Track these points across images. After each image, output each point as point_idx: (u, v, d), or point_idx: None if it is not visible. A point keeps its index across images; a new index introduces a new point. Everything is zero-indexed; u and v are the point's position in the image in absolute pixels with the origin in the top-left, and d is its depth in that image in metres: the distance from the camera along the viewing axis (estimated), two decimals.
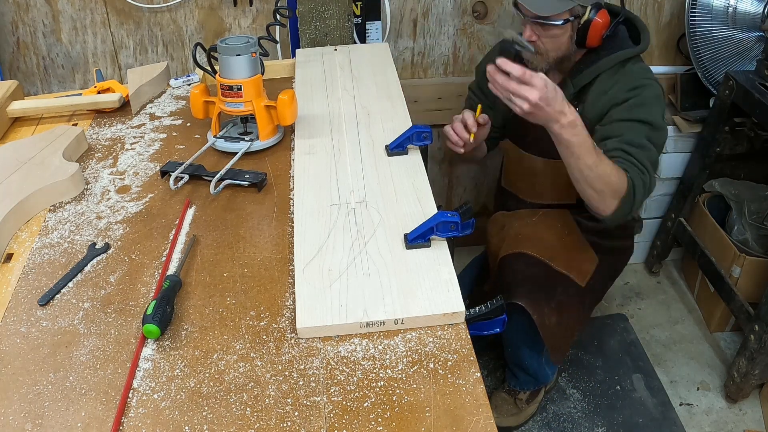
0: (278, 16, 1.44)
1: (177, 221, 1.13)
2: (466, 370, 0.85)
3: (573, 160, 1.32)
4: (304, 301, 0.93)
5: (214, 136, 1.31)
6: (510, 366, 1.88)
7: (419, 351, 0.88)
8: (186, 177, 1.22)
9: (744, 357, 1.86)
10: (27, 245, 1.10)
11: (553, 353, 1.63)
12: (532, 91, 1.22)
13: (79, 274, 1.03)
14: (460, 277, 1.01)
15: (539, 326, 1.58)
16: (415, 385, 0.83)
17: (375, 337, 0.90)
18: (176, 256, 1.06)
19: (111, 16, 1.90)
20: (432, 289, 0.94)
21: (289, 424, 0.80)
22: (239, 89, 1.25)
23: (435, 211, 1.08)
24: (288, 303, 0.96)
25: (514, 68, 1.21)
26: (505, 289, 1.62)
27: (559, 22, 1.41)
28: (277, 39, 1.66)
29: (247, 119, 1.34)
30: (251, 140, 1.30)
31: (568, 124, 1.27)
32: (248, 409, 0.82)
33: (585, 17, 1.43)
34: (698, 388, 2.01)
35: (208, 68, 1.33)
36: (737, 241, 2.04)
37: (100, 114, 1.48)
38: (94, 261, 1.05)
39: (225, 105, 1.28)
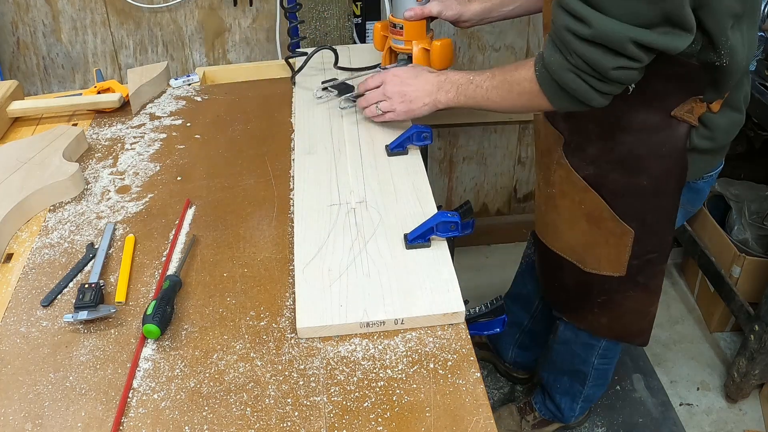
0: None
1: (177, 221, 1.13)
2: (466, 370, 0.85)
3: (473, 105, 1.19)
4: (304, 301, 0.93)
5: (383, 68, 1.43)
6: (542, 382, 1.80)
7: (419, 351, 0.88)
8: (335, 92, 1.40)
9: (744, 357, 1.86)
10: (27, 245, 1.10)
11: (629, 342, 1.48)
12: (374, 95, 1.28)
13: (79, 274, 1.03)
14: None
15: (591, 331, 1.48)
16: (415, 385, 0.83)
17: (375, 337, 0.90)
18: (176, 256, 1.06)
19: (111, 16, 1.90)
20: (432, 289, 0.94)
21: (289, 424, 0.80)
22: (401, 28, 1.37)
23: (435, 211, 1.08)
24: (288, 303, 0.96)
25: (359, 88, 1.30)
26: (546, 297, 1.57)
27: None
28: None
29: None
30: None
31: (438, 89, 1.21)
32: (248, 409, 0.82)
33: None
34: (698, 388, 2.01)
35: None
36: (737, 241, 2.04)
37: (100, 114, 1.48)
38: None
39: (392, 41, 1.41)
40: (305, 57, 1.51)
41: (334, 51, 1.52)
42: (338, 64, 1.55)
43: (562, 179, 1.30)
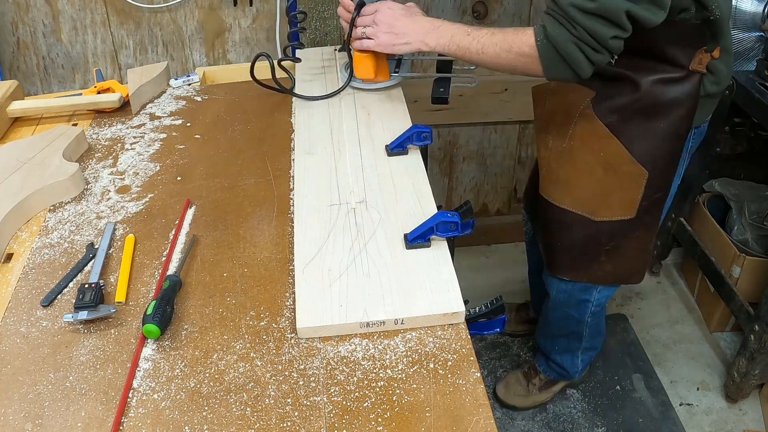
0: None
1: (177, 221, 1.13)
2: (466, 370, 0.85)
3: (463, 56, 1.24)
4: (304, 301, 0.93)
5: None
6: (541, 348, 1.89)
7: (419, 351, 0.88)
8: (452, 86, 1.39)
9: (744, 357, 1.86)
10: (27, 245, 1.10)
11: (627, 282, 1.59)
12: (364, 20, 1.30)
13: (79, 274, 1.03)
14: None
15: (594, 280, 1.55)
16: (415, 385, 0.83)
17: (375, 337, 0.90)
18: (176, 256, 1.06)
19: (111, 16, 1.90)
20: (432, 289, 0.94)
21: (289, 424, 0.80)
22: None
23: (435, 211, 1.08)
24: (288, 303, 0.96)
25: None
26: (546, 259, 1.61)
27: None
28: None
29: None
30: None
31: (428, 32, 1.25)
32: (248, 409, 0.82)
33: None
34: (698, 388, 2.01)
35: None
36: (737, 241, 2.04)
37: (100, 114, 1.48)
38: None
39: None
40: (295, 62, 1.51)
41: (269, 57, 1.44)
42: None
43: (583, 131, 1.40)
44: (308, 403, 0.82)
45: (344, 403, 0.82)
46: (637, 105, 1.32)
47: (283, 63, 1.49)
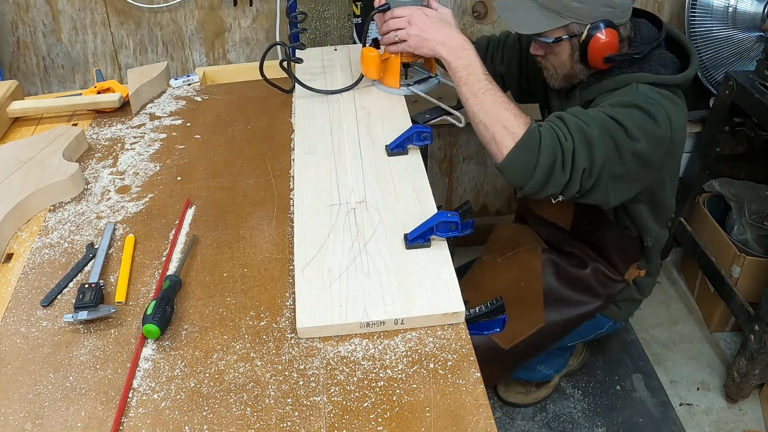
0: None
1: (177, 221, 1.13)
2: (466, 370, 0.85)
3: (462, 88, 1.28)
4: (304, 301, 0.93)
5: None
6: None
7: (419, 351, 0.88)
8: (437, 118, 1.39)
9: (744, 357, 1.86)
10: (27, 245, 1.10)
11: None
12: (399, 21, 1.33)
13: (79, 274, 1.03)
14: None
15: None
16: (415, 385, 0.83)
17: (375, 337, 0.90)
18: (176, 256, 1.06)
19: (111, 16, 1.90)
20: (432, 289, 0.94)
21: (289, 424, 0.80)
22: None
23: (435, 211, 1.08)
24: (288, 303, 0.96)
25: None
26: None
27: (550, 40, 1.32)
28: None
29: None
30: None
31: (456, 47, 1.29)
32: (248, 409, 0.82)
33: (584, 36, 1.28)
34: (698, 388, 2.01)
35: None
36: (737, 241, 2.04)
37: (100, 114, 1.48)
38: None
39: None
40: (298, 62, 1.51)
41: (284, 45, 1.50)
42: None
43: (522, 260, 1.62)
44: (308, 403, 0.82)
45: (344, 403, 0.82)
46: (573, 274, 1.55)
47: (283, 63, 1.49)
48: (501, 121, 1.22)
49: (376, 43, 1.47)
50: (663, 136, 1.24)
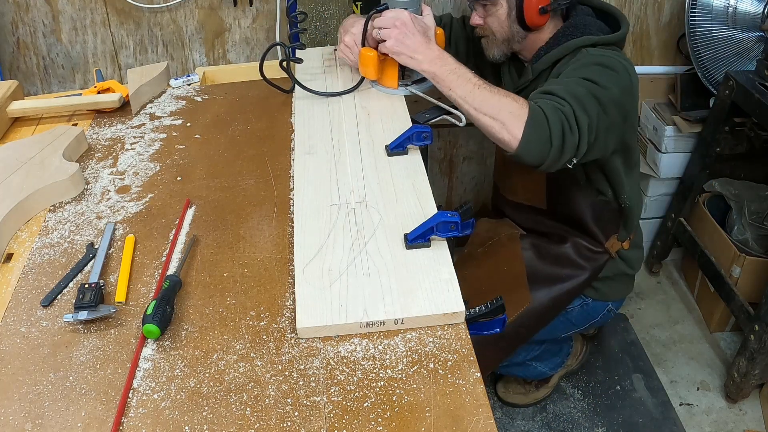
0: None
1: (177, 221, 1.13)
2: (466, 370, 0.85)
3: (456, 91, 1.29)
4: (304, 301, 0.93)
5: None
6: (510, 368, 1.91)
7: (419, 351, 0.88)
8: (437, 117, 1.38)
9: (744, 357, 1.86)
10: (27, 245, 1.10)
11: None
12: (383, 21, 1.34)
13: (79, 274, 1.03)
14: None
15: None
16: (415, 385, 0.83)
17: (375, 337, 0.90)
18: (176, 256, 1.06)
19: (111, 16, 1.90)
20: (432, 289, 0.94)
21: (289, 424, 0.80)
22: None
23: (435, 211, 1.08)
24: (288, 303, 0.96)
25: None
26: None
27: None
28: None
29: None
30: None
31: (435, 57, 1.31)
32: (248, 409, 0.82)
33: None
34: (698, 388, 2.01)
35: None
36: (737, 241, 2.04)
37: (100, 114, 1.48)
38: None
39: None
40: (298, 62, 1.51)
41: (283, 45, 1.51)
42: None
43: (501, 245, 1.66)
44: (308, 403, 0.82)
45: (344, 403, 0.82)
46: (554, 251, 1.58)
47: (283, 63, 1.49)
48: (506, 108, 1.24)
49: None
50: (628, 82, 1.34)
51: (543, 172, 1.39)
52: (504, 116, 1.23)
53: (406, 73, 1.46)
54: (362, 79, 1.46)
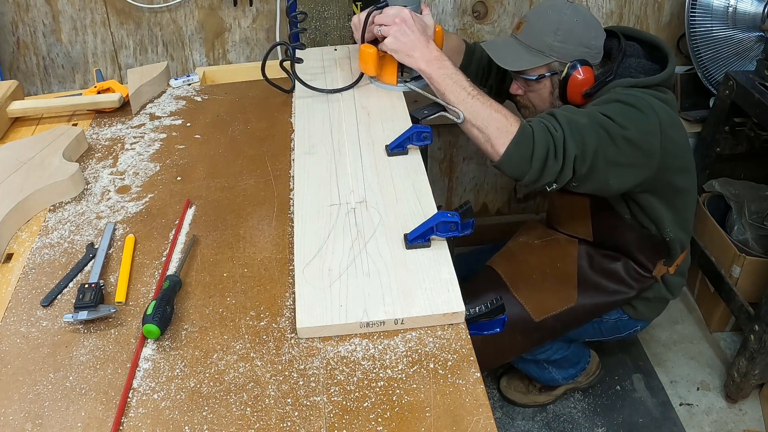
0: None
1: (177, 221, 1.13)
2: (466, 370, 0.85)
3: (449, 96, 1.30)
4: (304, 301, 0.93)
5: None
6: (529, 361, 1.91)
7: (419, 351, 0.88)
8: (435, 114, 1.34)
9: (744, 357, 1.86)
10: (27, 245, 1.10)
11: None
12: (384, 17, 1.33)
13: (79, 274, 1.03)
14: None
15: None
16: (415, 385, 0.83)
17: (375, 337, 0.90)
18: (176, 256, 1.06)
19: (111, 16, 1.90)
20: (432, 289, 0.94)
21: (289, 424, 0.80)
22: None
23: (435, 211, 1.08)
24: (288, 303, 0.96)
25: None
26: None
27: (533, 77, 1.42)
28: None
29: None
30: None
31: (433, 58, 1.30)
32: (248, 409, 0.82)
33: (563, 74, 1.40)
34: (698, 388, 2.01)
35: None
36: (737, 241, 2.04)
37: (100, 114, 1.48)
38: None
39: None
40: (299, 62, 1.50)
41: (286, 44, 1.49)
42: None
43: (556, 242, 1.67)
44: (308, 403, 0.82)
45: (344, 403, 0.82)
46: (606, 265, 1.59)
47: (283, 63, 1.49)
48: (494, 123, 1.26)
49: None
50: (651, 122, 1.31)
51: (587, 208, 1.45)
52: (491, 131, 1.26)
53: (405, 70, 1.46)
54: (361, 75, 1.46)
